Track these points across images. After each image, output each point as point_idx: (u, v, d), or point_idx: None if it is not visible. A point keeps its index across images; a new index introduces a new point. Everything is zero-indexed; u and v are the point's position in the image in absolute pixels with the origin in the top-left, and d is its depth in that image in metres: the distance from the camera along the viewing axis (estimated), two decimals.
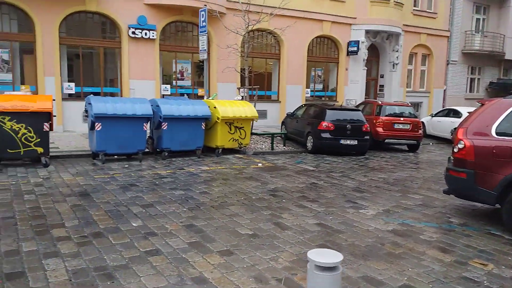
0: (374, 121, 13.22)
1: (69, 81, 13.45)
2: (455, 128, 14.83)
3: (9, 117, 7.89)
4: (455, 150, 5.90)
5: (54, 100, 8.57)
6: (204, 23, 12.36)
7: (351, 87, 19.10)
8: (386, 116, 13.34)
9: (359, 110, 12.81)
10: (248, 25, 12.94)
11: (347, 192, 7.43)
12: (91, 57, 14.59)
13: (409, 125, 13.32)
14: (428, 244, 4.96)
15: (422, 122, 15.82)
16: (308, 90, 18.27)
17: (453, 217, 6.17)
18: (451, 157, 6.07)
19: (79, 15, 13.20)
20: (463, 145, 5.76)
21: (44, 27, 12.42)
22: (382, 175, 9.28)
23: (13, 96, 8.30)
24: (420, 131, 13.63)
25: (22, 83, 12.74)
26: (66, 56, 13.52)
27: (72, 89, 13.32)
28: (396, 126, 13.22)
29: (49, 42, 12.54)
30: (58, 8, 12.54)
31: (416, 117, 13.99)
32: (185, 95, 15.16)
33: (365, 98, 19.16)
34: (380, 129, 13.16)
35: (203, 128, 10.27)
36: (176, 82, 15.39)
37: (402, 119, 13.36)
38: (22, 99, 8.12)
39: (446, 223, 5.88)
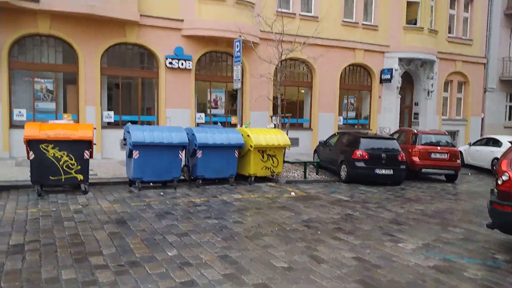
0: (410, 150, 12.95)
1: (108, 109, 13.95)
2: (496, 158, 14.37)
3: (52, 145, 8.22)
4: (499, 182, 5.67)
5: (94, 128, 8.89)
6: (238, 54, 12.64)
7: (384, 115, 18.86)
8: (422, 145, 13.05)
9: (394, 139, 12.61)
10: (282, 55, 13.13)
11: (384, 224, 7.24)
12: (130, 87, 15.12)
13: (446, 155, 12.95)
14: (473, 282, 4.72)
15: (460, 151, 15.35)
16: (341, 118, 18.18)
17: (498, 253, 5.87)
18: (495, 190, 5.84)
19: (119, 47, 13.79)
20: (507, 177, 5.54)
21: (87, 59, 13.04)
22: (420, 207, 9.00)
23: (57, 125, 8.67)
24: (458, 161, 13.22)
25: (65, 111, 13.32)
26: (106, 86, 14.07)
27: (111, 117, 13.80)
28: (432, 155, 12.89)
29: (91, 72, 13.12)
30: (101, 40, 13.16)
31: (453, 146, 13.62)
32: (219, 123, 15.41)
33: (400, 126, 18.85)
34: (416, 158, 12.85)
35: (236, 156, 10.35)
36: (210, 111, 15.68)
37: (439, 148, 13.02)
38: (65, 128, 8.46)
39: (490, 259, 5.61)
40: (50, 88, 13.04)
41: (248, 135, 10.57)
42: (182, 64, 14.33)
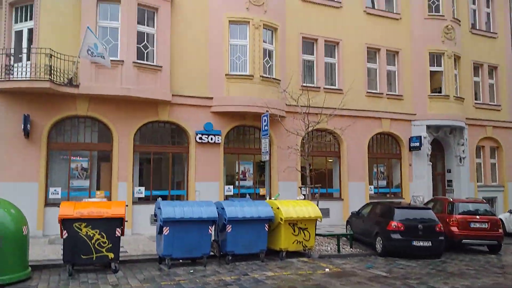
0: (447, 220, 12.39)
1: (139, 185, 14.20)
2: None
3: (85, 223, 8.31)
4: None
5: (126, 205, 9.00)
6: (266, 127, 12.92)
7: (416, 183, 18.41)
8: (460, 214, 12.49)
9: (429, 209, 12.18)
10: (308, 127, 13.32)
11: None
12: (160, 162, 15.48)
13: (486, 224, 12.31)
14: None
15: (501, 220, 14.58)
16: (372, 187, 17.84)
17: None
18: None
19: (152, 125, 14.37)
20: None
21: (121, 137, 13.58)
22: (465, 282, 8.41)
23: (90, 203, 8.85)
24: (500, 230, 12.52)
25: (98, 188, 13.64)
26: (138, 162, 14.46)
27: (142, 193, 14.01)
28: (472, 225, 12.27)
29: (124, 150, 13.59)
30: (135, 119, 13.78)
31: (493, 214, 12.99)
32: (247, 195, 15.36)
33: (433, 195, 18.29)
34: (455, 229, 12.24)
35: (267, 229, 10.15)
36: (239, 182, 15.74)
37: (478, 217, 12.42)
38: (98, 206, 8.61)
39: None
40: (85, 166, 13.50)
41: (278, 208, 10.42)
42: (211, 138, 14.69)
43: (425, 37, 18.67)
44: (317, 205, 11.38)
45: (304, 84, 15.84)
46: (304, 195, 13.17)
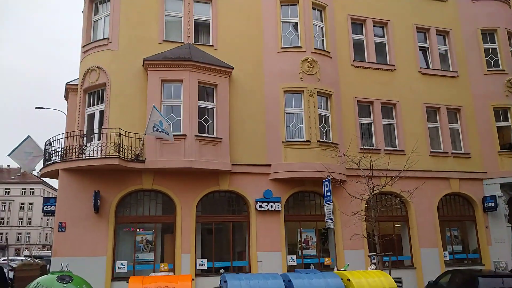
0: None
1: (202, 256, 14.10)
2: None
3: None
4: None
5: (193, 279, 8.85)
6: (328, 193, 12.64)
7: (496, 247, 16.83)
8: None
9: None
10: (373, 190, 12.84)
11: None
12: (221, 232, 15.40)
13: None
14: None
15: None
16: (446, 253, 16.48)
17: None
18: None
19: (213, 195, 14.55)
20: None
21: (184, 208, 13.81)
22: None
23: (157, 277, 8.80)
24: None
25: (162, 261, 13.68)
26: (200, 233, 14.48)
27: (204, 264, 13.87)
28: None
29: (187, 221, 13.74)
30: (197, 190, 14.06)
31: None
32: (312, 265, 14.74)
33: None
34: None
35: None
36: (302, 252, 15.17)
37: None
38: (165, 280, 8.51)
39: None
40: (150, 239, 13.71)
41: (349, 279, 9.76)
42: (271, 206, 14.54)
43: (487, 93, 18.07)
44: (390, 275, 10.58)
45: (364, 147, 15.56)
46: (374, 263, 12.37)
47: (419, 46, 18.30)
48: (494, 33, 18.88)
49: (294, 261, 14.79)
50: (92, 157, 13.15)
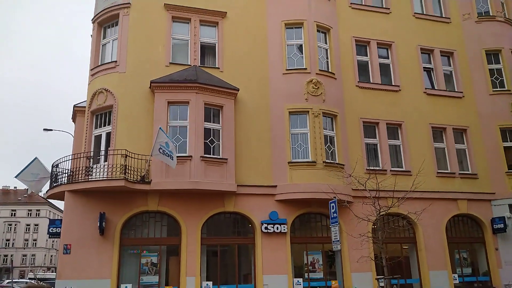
0: None
1: (207, 279, 13.91)
2: None
3: None
4: None
5: None
6: (335, 215, 12.53)
7: (507, 270, 16.48)
8: None
9: None
10: (380, 212, 12.69)
11: None
12: (226, 254, 15.24)
13: None
14: None
15: None
16: (455, 275, 16.11)
17: None
18: None
19: (218, 216, 14.47)
20: None
21: (189, 230, 13.73)
22: None
23: None
24: None
25: (166, 283, 13.54)
26: (205, 255, 14.33)
27: (210, 287, 13.67)
28: None
29: (192, 243, 13.63)
30: (202, 212, 13.99)
31: None
32: None
33: None
34: None
35: None
36: (308, 275, 14.93)
37: None
38: None
39: None
40: (155, 261, 13.60)
41: None
42: (277, 228, 14.41)
43: (494, 113, 18.05)
44: None
45: (370, 168, 15.49)
46: (382, 287, 12.13)
47: (424, 67, 18.39)
48: (498, 54, 18.96)
49: (300, 284, 14.52)
50: (98, 179, 13.18)
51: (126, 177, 12.89)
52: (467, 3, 19.54)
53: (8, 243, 78.30)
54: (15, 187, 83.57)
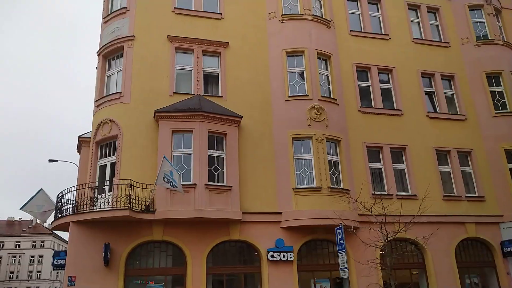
0: None
1: None
2: None
3: None
4: None
5: None
6: (341, 241, 12.37)
7: None
8: None
9: None
10: (387, 237, 12.53)
11: None
12: (232, 283, 14.98)
13: None
14: None
15: None
16: None
17: None
18: None
19: (224, 245, 14.32)
20: None
21: (194, 260, 13.57)
22: None
23: None
24: None
25: None
26: (211, 285, 14.08)
27: None
28: None
29: (198, 273, 13.45)
30: (207, 241, 13.86)
31: None
32: None
33: None
34: None
35: None
36: None
37: None
38: None
39: None
40: None
41: None
42: (283, 256, 14.22)
43: (497, 135, 18.03)
44: None
45: (375, 192, 15.39)
46: None
47: (425, 91, 18.51)
48: (499, 76, 19.11)
49: None
50: (103, 209, 13.16)
51: (131, 206, 12.87)
52: (465, 28, 19.84)
53: (12, 275, 77.39)
54: (19, 218, 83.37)
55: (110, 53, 16.03)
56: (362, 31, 18.58)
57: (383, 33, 18.88)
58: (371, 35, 18.54)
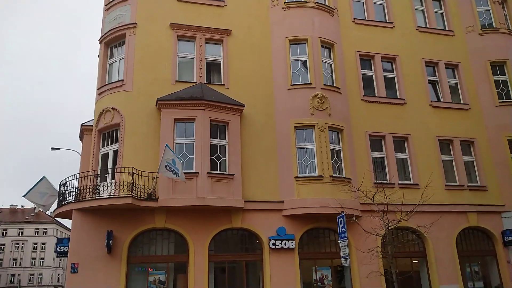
0: None
1: None
2: None
3: None
4: None
5: None
6: (343, 229, 12.42)
7: None
8: None
9: None
10: (388, 226, 12.57)
11: None
12: (234, 271, 15.09)
13: None
14: None
15: None
16: None
17: None
18: None
19: (225, 232, 14.39)
20: None
21: (196, 247, 13.66)
22: None
23: None
24: None
25: None
26: (213, 272, 14.20)
27: None
28: None
29: (200, 260, 13.55)
30: (209, 228, 13.93)
31: None
32: None
33: None
34: None
35: None
36: None
37: None
38: None
39: None
40: (162, 279, 13.52)
41: None
42: (285, 244, 14.29)
43: (501, 124, 17.95)
44: None
45: (377, 181, 15.40)
46: None
47: (429, 80, 18.40)
48: (503, 65, 18.96)
49: None
50: (105, 197, 13.21)
51: (133, 194, 12.91)
52: (470, 16, 19.64)
53: (16, 262, 78.19)
54: (22, 206, 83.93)
55: (112, 41, 15.93)
56: (366, 19, 18.40)
57: (387, 21, 18.70)
58: (375, 23, 18.36)
